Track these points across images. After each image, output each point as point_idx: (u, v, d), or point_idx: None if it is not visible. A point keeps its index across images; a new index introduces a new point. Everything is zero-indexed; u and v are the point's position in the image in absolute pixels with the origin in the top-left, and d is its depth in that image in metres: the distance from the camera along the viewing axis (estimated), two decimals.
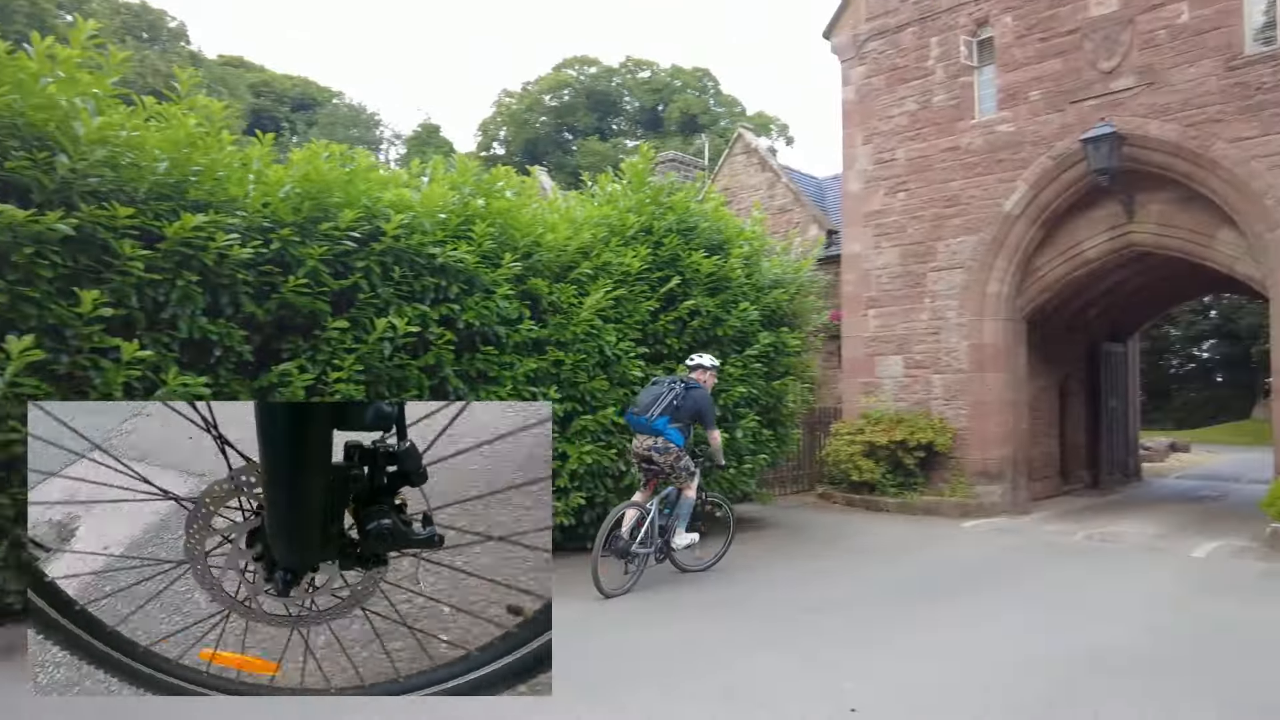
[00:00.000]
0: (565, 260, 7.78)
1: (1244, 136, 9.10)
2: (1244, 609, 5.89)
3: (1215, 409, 31.32)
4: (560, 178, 36.11)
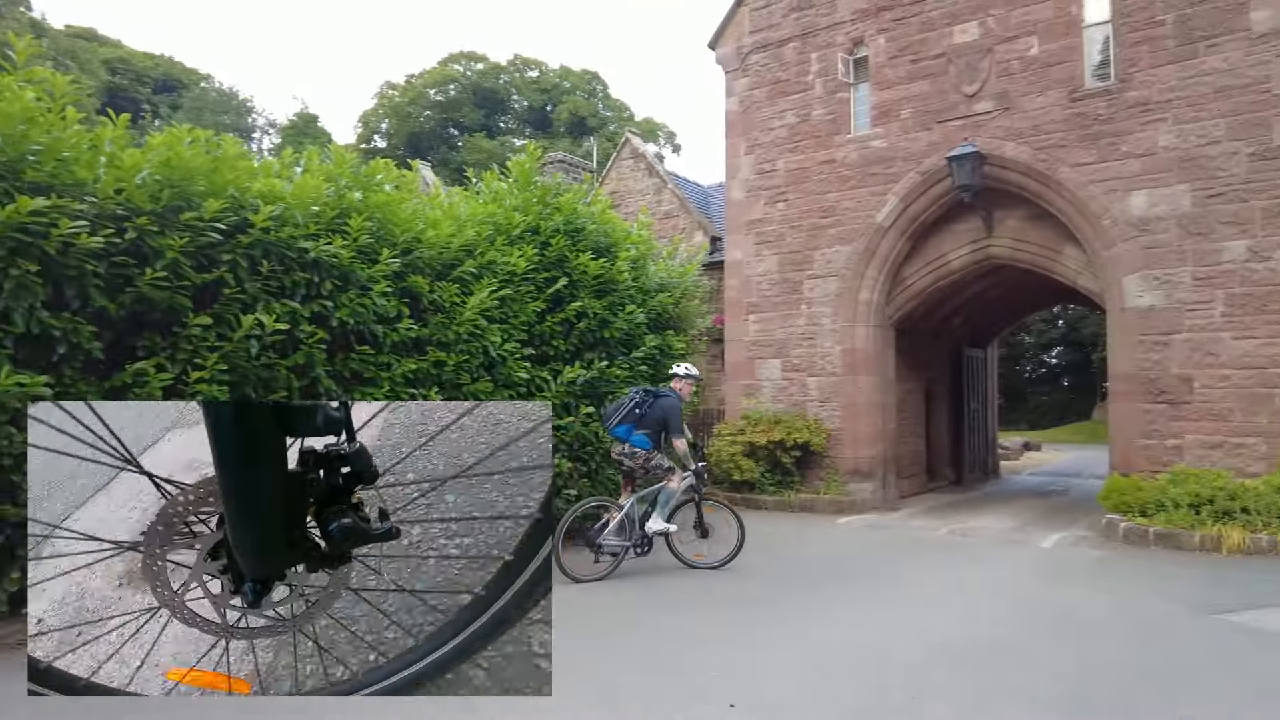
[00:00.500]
0: (448, 258, 7.60)
1: (1084, 162, 9.93)
2: (1081, 594, 6.41)
3: (1062, 411, 34.02)
4: (444, 174, 35.33)
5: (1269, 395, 8.80)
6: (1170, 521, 8.34)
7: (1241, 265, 8.98)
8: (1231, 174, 9.03)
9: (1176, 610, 5.85)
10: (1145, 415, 9.55)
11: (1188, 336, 9.29)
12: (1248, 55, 8.96)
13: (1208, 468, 8.86)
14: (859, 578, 7.11)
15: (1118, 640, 5.14)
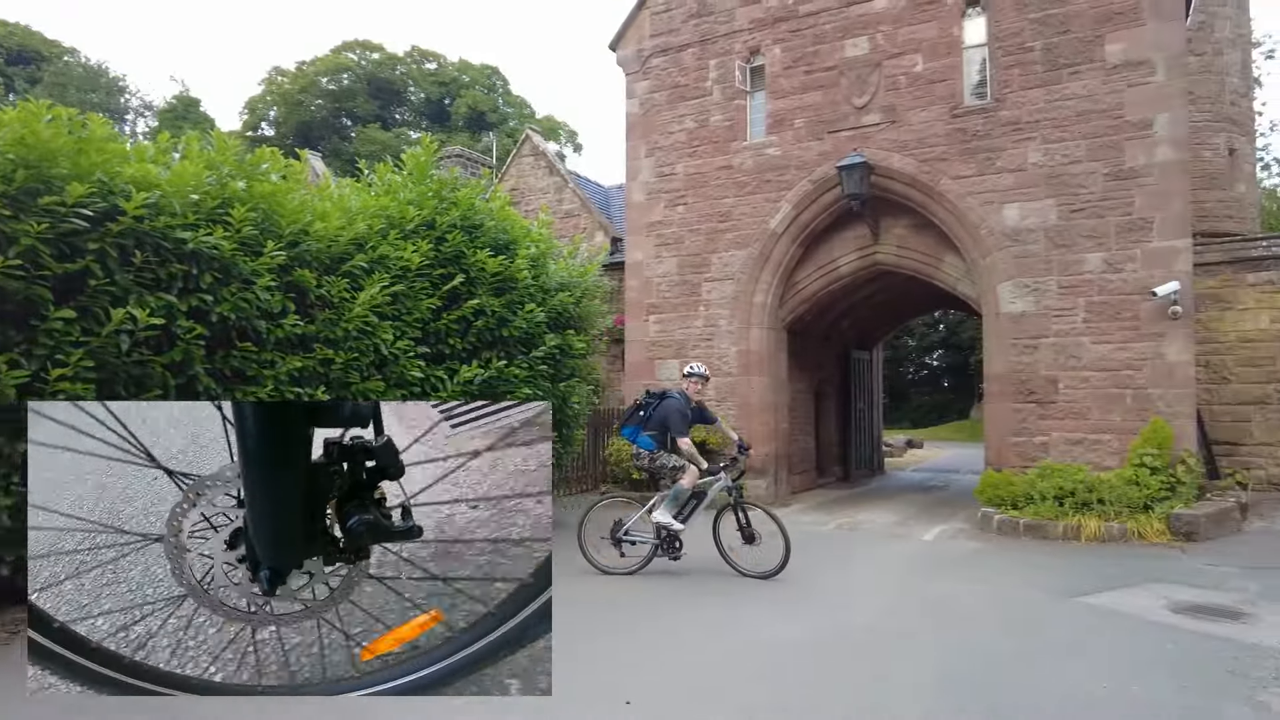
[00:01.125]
0: (337, 251, 7.32)
1: (963, 175, 10.51)
2: (959, 584, 6.77)
3: (943, 410, 35.88)
4: (336, 165, 34.07)
5: (1121, 395, 9.56)
6: (1038, 513, 8.93)
7: (1099, 276, 9.71)
8: (1091, 191, 9.75)
9: (1042, 596, 6.27)
10: (1017, 414, 10.20)
11: (1054, 341, 9.97)
12: (1104, 84, 9.70)
13: (1070, 463, 9.54)
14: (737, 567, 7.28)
15: (991, 626, 5.46)
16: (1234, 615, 5.64)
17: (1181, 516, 8.37)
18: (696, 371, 7.34)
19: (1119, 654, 4.83)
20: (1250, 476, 11.39)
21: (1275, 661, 4.64)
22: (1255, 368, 11.75)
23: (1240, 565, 7.16)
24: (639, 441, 7.18)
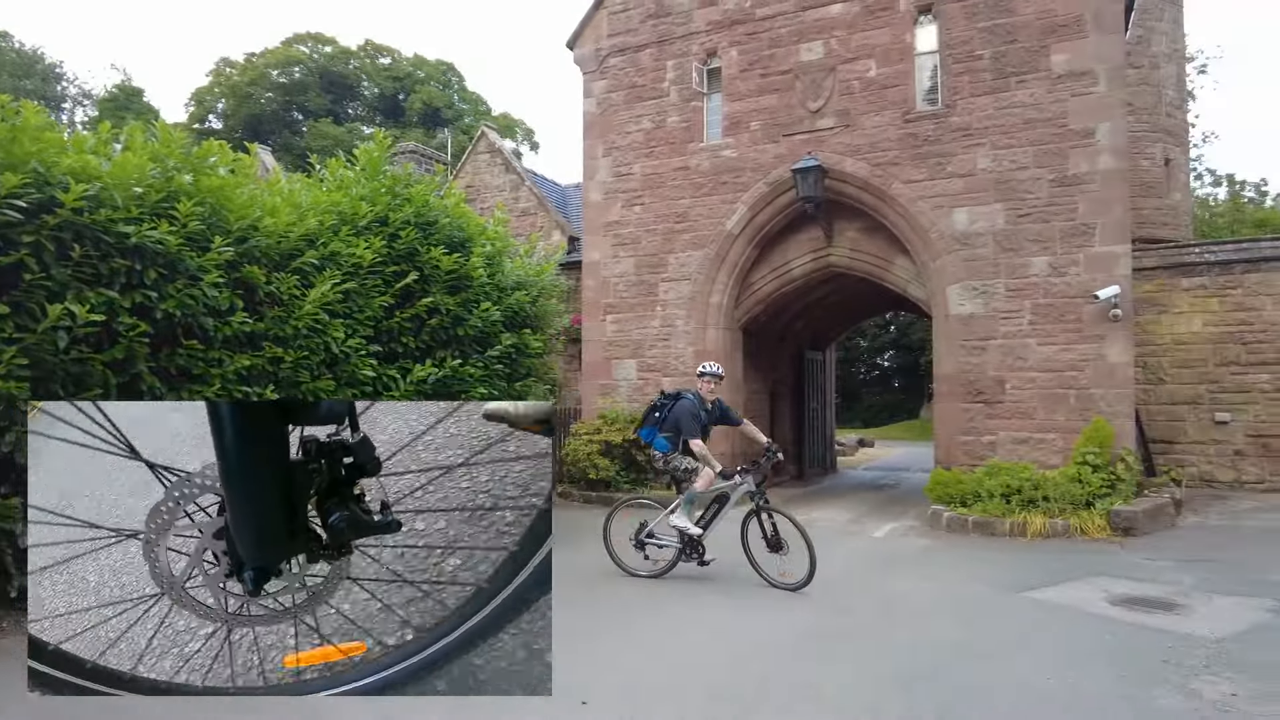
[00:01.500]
0: (287, 248, 7.17)
1: (915, 179, 10.72)
2: (910, 580, 6.90)
3: (894, 410, 36.52)
4: (287, 160, 33.37)
5: (1065, 395, 9.85)
6: (985, 511, 9.15)
7: (1044, 279, 9.99)
8: (1037, 197, 10.03)
9: (989, 592, 6.42)
10: (965, 414, 10.43)
11: (1001, 342, 10.23)
12: (1049, 93, 9.98)
13: (1016, 461, 9.79)
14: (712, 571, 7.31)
15: (941, 621, 5.58)
16: (1168, 606, 5.85)
17: (1121, 513, 8.65)
18: (709, 370, 7.00)
19: (1062, 646, 4.97)
20: (1184, 473, 11.83)
21: (1206, 650, 4.83)
22: (1189, 369, 12.21)
23: (1174, 559, 7.43)
24: (655, 444, 6.97)
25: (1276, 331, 11.68)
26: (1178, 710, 3.93)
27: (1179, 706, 3.97)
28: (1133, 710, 3.94)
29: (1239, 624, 5.40)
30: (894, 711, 3.94)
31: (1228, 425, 11.95)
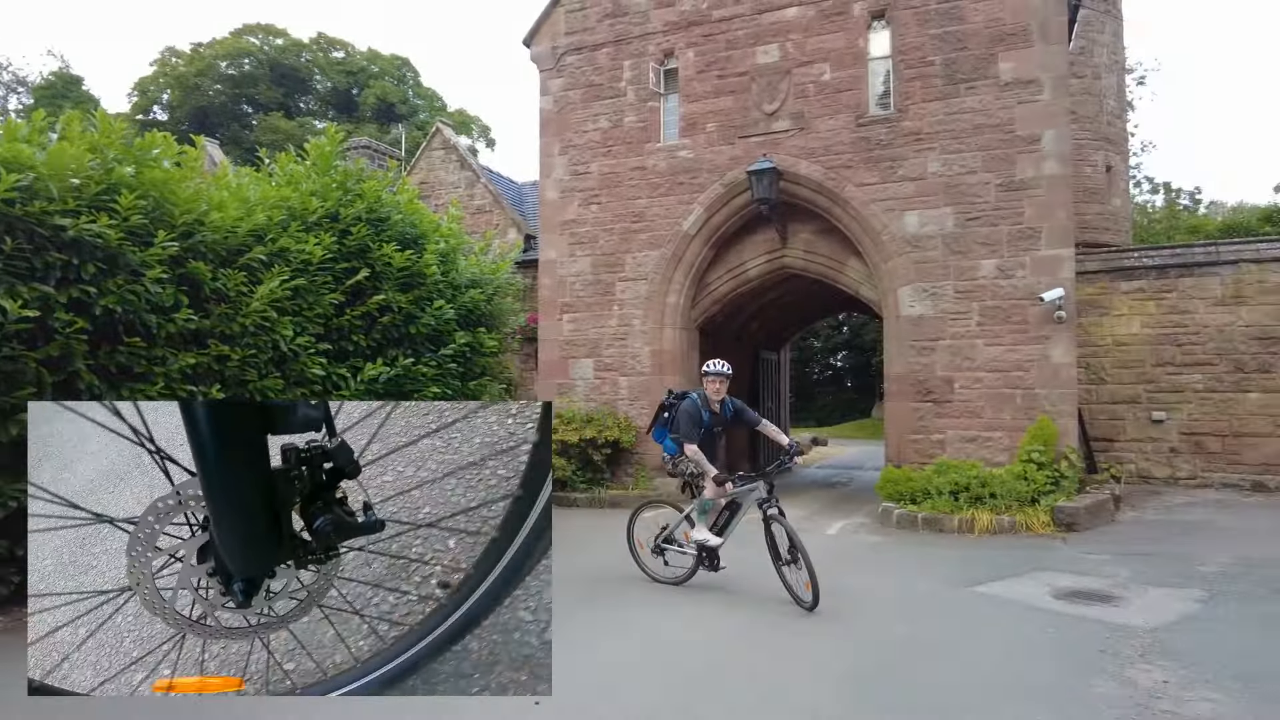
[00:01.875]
0: (235, 243, 7.00)
1: (867, 182, 10.90)
2: (861, 577, 7.01)
3: (846, 409, 37.06)
4: (235, 153, 32.57)
5: (1011, 395, 10.10)
6: (935, 508, 9.33)
7: (992, 281, 10.24)
8: (985, 201, 10.27)
9: (938, 587, 6.56)
10: (915, 413, 10.64)
11: (950, 343, 10.45)
12: (997, 99, 10.23)
13: (965, 459, 10.01)
14: None
15: (891, 616, 5.68)
16: (1107, 599, 6.05)
17: (1064, 509, 8.90)
18: (714, 369, 6.40)
19: (1008, 639, 5.11)
20: (1123, 470, 12.23)
21: (1141, 640, 5.00)
22: (1128, 369, 12.62)
23: (1113, 553, 7.68)
24: (666, 445, 6.61)
25: (1208, 334, 12.14)
26: (1114, 698, 4.06)
27: (1115, 694, 4.11)
28: (1072, 699, 4.06)
29: (1170, 614, 5.60)
30: (845, 705, 4.00)
31: (1163, 424, 12.39)
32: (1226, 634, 5.15)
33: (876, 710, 3.95)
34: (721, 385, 6.39)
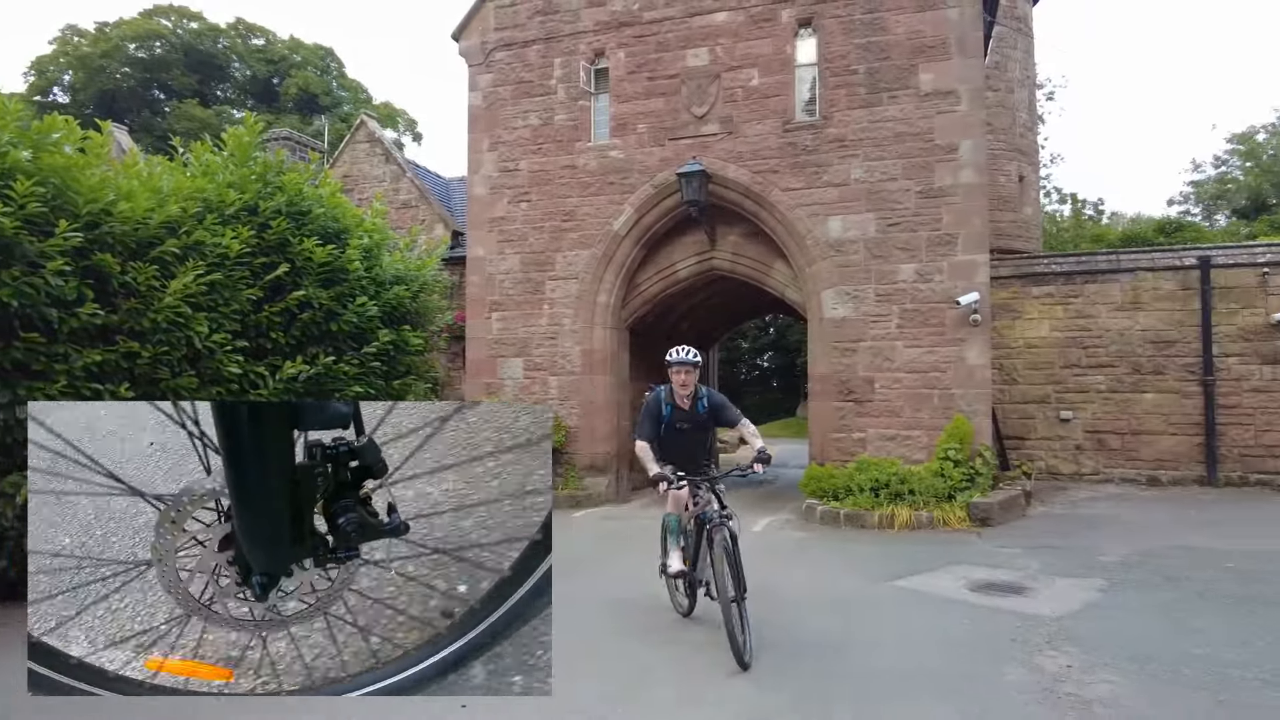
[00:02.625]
0: (145, 235, 6.68)
1: (793, 187, 11.12)
2: (786, 572, 7.15)
3: (773, 408, 37.73)
4: (146, 141, 31.08)
5: (929, 395, 10.46)
6: (856, 504, 9.59)
7: (911, 285, 10.58)
8: (905, 207, 10.61)
9: (860, 581, 6.75)
10: (838, 412, 10.91)
11: (871, 344, 10.75)
12: (918, 109, 10.58)
13: (885, 457, 10.32)
14: (594, 566, 7.35)
15: (814, 611, 5.82)
16: (1018, 590, 6.33)
17: (979, 505, 9.27)
18: (676, 358, 5.36)
19: (925, 630, 5.29)
20: (1033, 467, 12.81)
21: (1048, 629, 5.26)
22: (1038, 371, 13.22)
23: (1024, 546, 8.03)
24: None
25: (1109, 337, 12.82)
26: (1023, 683, 4.26)
27: (1025, 680, 4.31)
28: (985, 686, 4.24)
29: (1075, 603, 5.90)
30: (766, 699, 4.08)
31: (1070, 422, 13.02)
32: (1124, 620, 5.46)
33: (796, 701, 4.04)
34: (688, 376, 5.32)
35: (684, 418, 5.46)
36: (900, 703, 4.05)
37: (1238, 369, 12.19)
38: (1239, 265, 12.32)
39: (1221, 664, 4.55)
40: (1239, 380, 12.17)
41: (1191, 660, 4.60)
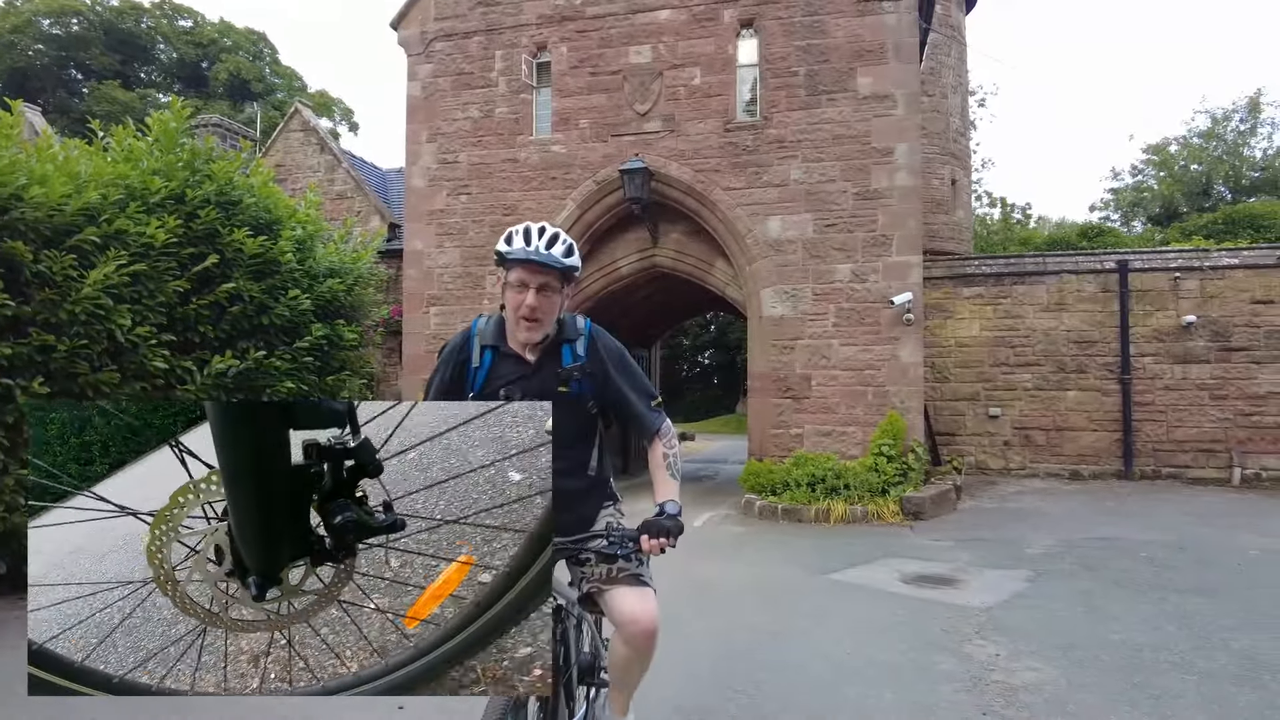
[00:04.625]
0: (61, 222, 6.35)
1: (734, 186, 11.23)
2: (725, 566, 7.23)
3: (713, 405, 38.13)
4: (62, 123, 29.63)
5: (864, 392, 10.70)
6: (794, 499, 9.75)
7: (847, 285, 10.80)
8: (842, 209, 10.81)
9: (797, 575, 6.87)
10: (776, 408, 11.07)
11: (809, 342, 10.94)
12: (855, 112, 10.80)
13: (821, 452, 10.52)
14: None
15: (752, 604, 5.89)
16: (949, 582, 6.53)
17: (911, 499, 9.52)
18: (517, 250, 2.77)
19: (859, 622, 5.41)
20: (964, 462, 13.22)
21: (977, 619, 5.44)
22: (968, 369, 13.65)
23: (955, 539, 8.29)
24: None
25: (1036, 337, 13.32)
26: (953, 672, 4.39)
27: (955, 669, 4.44)
28: (917, 675, 4.36)
29: (1003, 594, 6.12)
30: (701, 692, 4.11)
31: (998, 419, 13.48)
32: (1049, 609, 5.68)
33: (731, 694, 4.08)
34: (543, 297, 2.49)
35: (521, 377, 2.58)
36: (832, 692, 4.13)
37: (1152, 368, 12.81)
38: (1153, 269, 12.94)
39: (1136, 648, 4.77)
40: (1153, 379, 12.79)
41: (1109, 646, 4.82)
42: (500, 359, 2.61)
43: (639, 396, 2.71)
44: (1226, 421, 12.48)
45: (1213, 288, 12.67)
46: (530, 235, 2.46)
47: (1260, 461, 12.25)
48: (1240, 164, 32.63)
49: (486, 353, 2.65)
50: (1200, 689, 4.14)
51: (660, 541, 2.49)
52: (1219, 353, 12.57)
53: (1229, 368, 12.53)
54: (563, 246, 2.46)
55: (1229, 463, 12.32)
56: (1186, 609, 5.65)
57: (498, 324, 2.66)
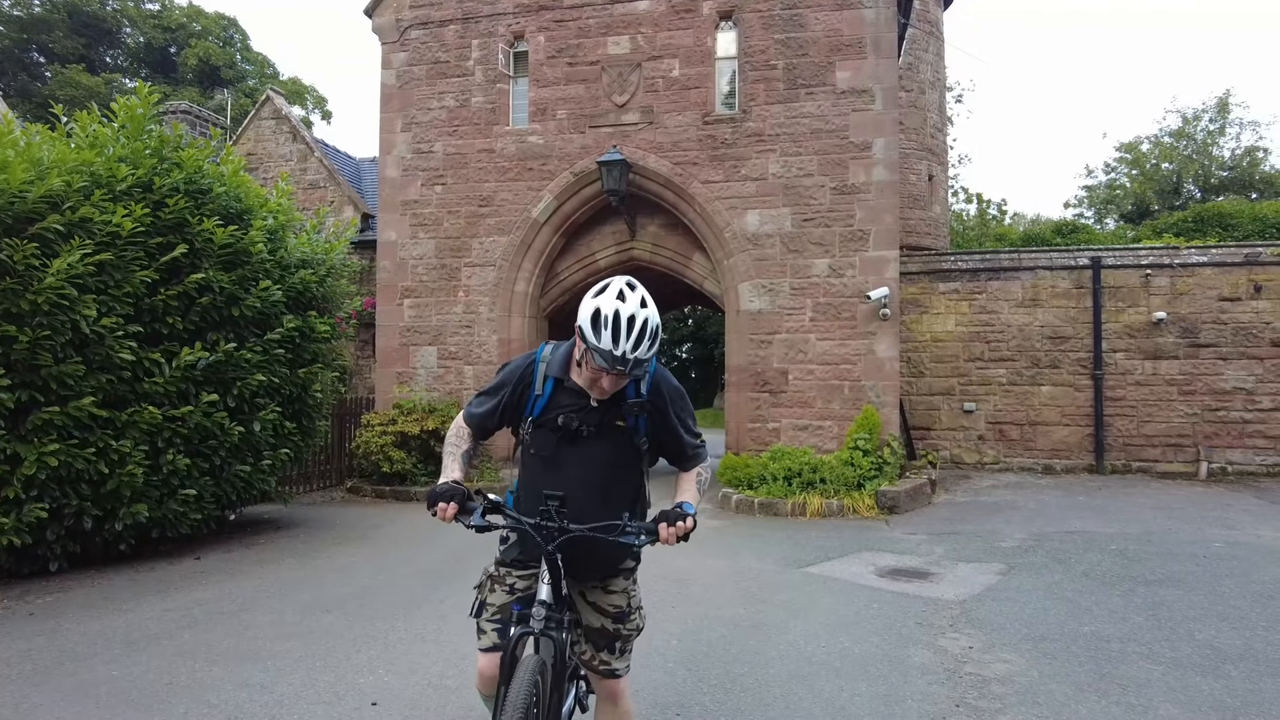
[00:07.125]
0: (23, 210, 6.20)
1: (712, 180, 11.21)
2: (701, 560, 7.22)
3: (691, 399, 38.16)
4: (24, 108, 28.98)
5: (840, 386, 10.74)
6: (770, 493, 9.77)
7: (824, 279, 10.82)
8: (820, 203, 10.83)
9: (773, 568, 6.87)
10: (753, 402, 11.08)
11: (786, 337, 10.96)
12: (834, 107, 10.81)
13: (797, 446, 10.55)
14: None
15: (728, 597, 5.89)
16: (924, 575, 6.57)
17: (887, 493, 9.58)
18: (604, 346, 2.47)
19: (835, 615, 5.43)
20: (939, 456, 13.33)
21: (951, 612, 5.47)
22: (944, 364, 13.76)
23: (930, 533, 8.35)
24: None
25: (1010, 333, 13.45)
26: (927, 664, 4.41)
27: (928, 661, 4.47)
28: (892, 668, 4.37)
29: (976, 587, 6.17)
30: (677, 684, 4.10)
31: (973, 414, 13.61)
32: (1021, 602, 5.73)
33: (707, 687, 4.07)
34: (619, 379, 2.45)
35: (581, 408, 2.55)
36: (808, 684, 4.13)
37: (1123, 364, 12.99)
38: (1125, 266, 13.11)
39: (1104, 639, 4.83)
40: (1124, 374, 12.98)
41: (1079, 637, 4.87)
42: (561, 390, 2.57)
43: (689, 435, 2.84)
44: (1194, 417, 12.69)
45: (1183, 285, 12.87)
46: (620, 332, 2.28)
47: (1226, 456, 12.49)
48: (1210, 163, 33.20)
49: (549, 381, 2.60)
50: (1166, 678, 4.20)
51: (679, 528, 2.57)
52: (1188, 349, 12.78)
53: (1197, 364, 12.74)
54: (647, 345, 2.34)
55: (1196, 457, 12.54)
56: (1154, 600, 5.73)
57: (565, 355, 2.59)
